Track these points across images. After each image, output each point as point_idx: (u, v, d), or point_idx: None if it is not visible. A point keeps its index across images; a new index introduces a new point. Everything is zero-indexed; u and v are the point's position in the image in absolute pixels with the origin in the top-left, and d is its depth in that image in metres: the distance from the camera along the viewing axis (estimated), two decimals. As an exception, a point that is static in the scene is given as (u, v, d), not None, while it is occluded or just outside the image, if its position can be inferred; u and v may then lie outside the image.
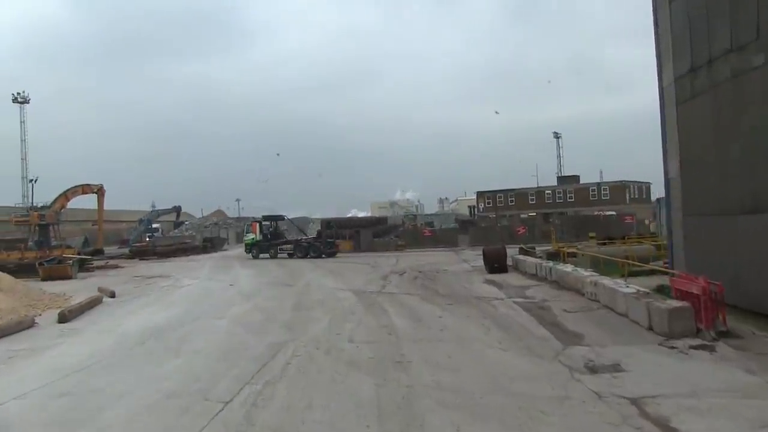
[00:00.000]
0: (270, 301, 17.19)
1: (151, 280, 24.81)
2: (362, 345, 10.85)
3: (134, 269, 33.11)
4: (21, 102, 68.00)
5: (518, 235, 48.03)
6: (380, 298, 17.32)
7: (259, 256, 40.72)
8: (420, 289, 19.74)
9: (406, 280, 22.87)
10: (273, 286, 21.29)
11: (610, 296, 13.84)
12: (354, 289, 19.60)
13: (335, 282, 22.35)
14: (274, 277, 24.96)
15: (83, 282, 25.19)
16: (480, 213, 75.14)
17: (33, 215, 45.64)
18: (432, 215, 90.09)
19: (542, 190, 72.39)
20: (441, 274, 24.44)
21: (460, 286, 20.13)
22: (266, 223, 44.55)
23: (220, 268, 31.13)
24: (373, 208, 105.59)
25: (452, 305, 15.71)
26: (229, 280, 24.14)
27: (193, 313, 15.05)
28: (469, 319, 13.55)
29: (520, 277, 21.97)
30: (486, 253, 24.98)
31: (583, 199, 68.20)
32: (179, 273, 28.45)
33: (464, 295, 17.64)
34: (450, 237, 50.11)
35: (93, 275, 29.51)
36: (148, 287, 22.02)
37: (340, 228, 48.66)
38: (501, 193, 74.07)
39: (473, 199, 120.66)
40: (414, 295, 17.95)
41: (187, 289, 20.94)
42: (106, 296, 18.53)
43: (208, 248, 53.89)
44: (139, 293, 19.99)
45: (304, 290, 19.81)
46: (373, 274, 25.21)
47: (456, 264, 29.85)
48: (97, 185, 51.13)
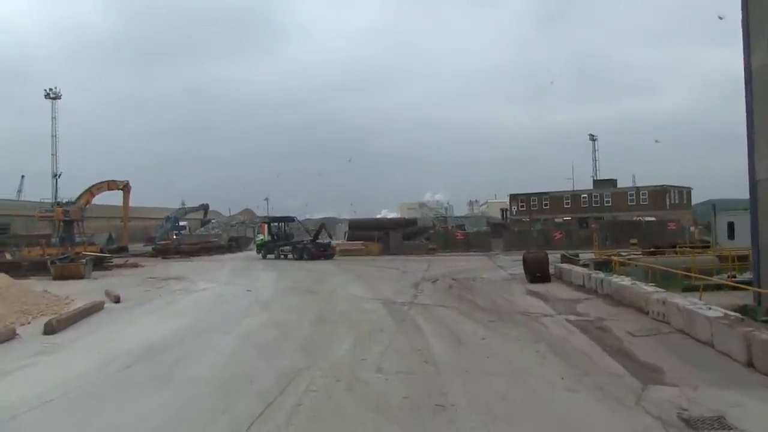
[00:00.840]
0: (288, 312, 15.21)
1: (165, 283, 23.12)
2: (393, 377, 8.78)
3: (153, 269, 31.59)
4: (53, 98, 67.64)
5: (555, 241, 45.48)
6: (413, 312, 15.25)
7: (267, 257, 41.15)
8: (456, 300, 17.61)
9: (440, 289, 20.77)
10: (294, 293, 19.40)
11: (686, 319, 11.51)
12: (383, 299, 17.58)
13: (362, 289, 20.36)
14: (296, 282, 23.08)
15: (95, 283, 23.63)
16: (513, 216, 72.51)
17: (57, 211, 44.67)
18: (462, 218, 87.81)
19: (578, 194, 69.47)
20: (477, 283, 22.26)
21: (501, 298, 17.93)
22: (274, 224, 44.84)
23: (240, 270, 29.42)
24: (402, 210, 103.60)
25: (495, 322, 13.55)
26: (248, 284, 22.31)
27: (199, 325, 13.15)
28: (519, 342, 11.38)
29: (565, 289, 19.70)
30: (527, 260, 22.70)
31: (620, 203, 65.18)
32: (197, 275, 26.78)
33: (507, 310, 15.45)
34: (483, 241, 47.71)
35: (108, 275, 28.04)
36: (159, 291, 20.32)
37: (368, 229, 46.69)
38: (535, 196, 71.37)
39: (504, 201, 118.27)
40: (450, 309, 15.83)
41: (200, 295, 19.16)
42: (111, 301, 16.85)
43: (233, 248, 52.46)
44: (147, 298, 18.25)
45: (327, 299, 17.83)
46: (404, 281, 23.15)
47: (492, 271, 27.61)
48: (123, 182, 50.06)
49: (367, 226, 48.70)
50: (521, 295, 18.57)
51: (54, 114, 67.26)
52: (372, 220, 60.07)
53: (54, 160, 67.73)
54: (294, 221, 47.58)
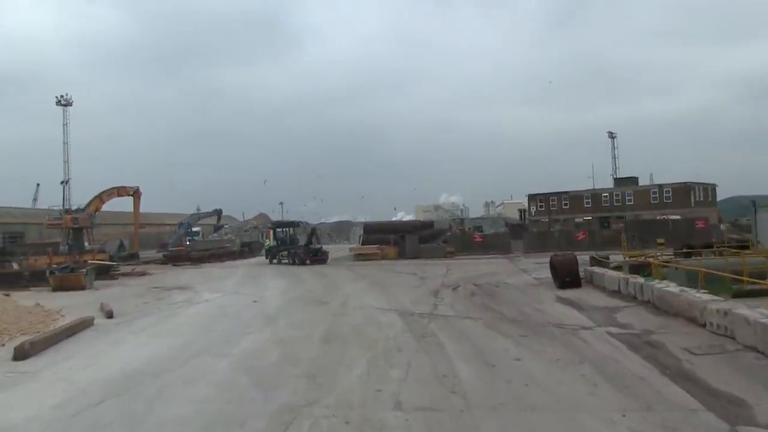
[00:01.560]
0: (295, 327, 13.55)
1: (168, 294, 21.63)
2: (414, 416, 7.12)
3: (159, 278, 30.22)
4: (64, 105, 66.86)
5: (577, 241, 43.59)
6: (433, 325, 13.58)
7: (272, 262, 41.43)
8: (481, 310, 15.92)
9: (462, 296, 19.09)
10: (303, 304, 17.81)
11: (759, 334, 9.68)
12: (400, 310, 15.93)
13: (378, 299, 18.73)
14: (307, 291, 21.51)
15: (95, 294, 22.24)
16: (531, 217, 70.47)
17: (66, 218, 43.52)
18: (478, 219, 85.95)
19: (599, 193, 67.30)
20: (502, 289, 20.55)
21: (530, 306, 16.21)
22: (279, 229, 45.25)
23: (249, 278, 27.90)
24: (418, 212, 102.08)
25: (528, 338, 11.85)
26: (255, 293, 20.76)
27: (193, 345, 11.56)
28: (559, 363, 9.67)
29: (599, 295, 17.93)
30: (555, 264, 20.92)
31: (643, 202, 62.94)
32: (204, 283, 25.33)
33: (539, 322, 13.73)
34: (502, 243, 45.89)
35: (112, 284, 26.68)
36: (159, 303, 18.84)
37: (384, 233, 45.07)
38: (554, 195, 69.26)
39: (520, 202, 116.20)
40: (476, 321, 14.15)
41: (201, 307, 17.65)
42: (103, 316, 15.37)
43: (245, 253, 51.12)
44: (144, 312, 16.73)
45: (339, 311, 16.20)
46: (422, 288, 21.49)
47: (515, 275, 25.85)
48: (133, 187, 48.89)
49: (383, 230, 47.06)
50: (551, 303, 16.85)
51: (65, 120, 66.56)
52: (387, 223, 58.37)
53: (66, 167, 66.92)
54: (299, 226, 47.56)
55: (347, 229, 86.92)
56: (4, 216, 71.85)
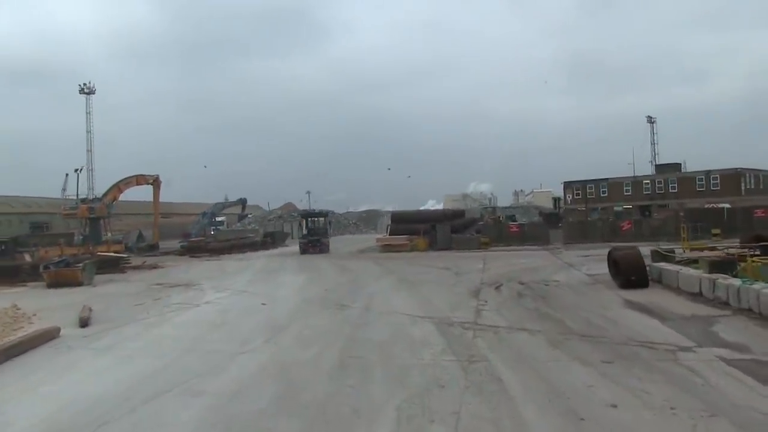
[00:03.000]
0: (303, 344, 10.51)
1: (169, 292, 18.86)
2: None
3: (169, 272, 27.60)
4: (87, 93, 64.96)
5: (622, 231, 39.90)
6: (481, 341, 10.46)
7: None
8: (536, 318, 12.73)
9: (508, 298, 15.91)
10: (319, 308, 14.76)
11: None
12: (436, 318, 12.84)
13: (408, 301, 15.66)
14: (325, 290, 18.48)
15: (90, 292, 19.68)
16: (567, 205, 66.58)
17: (81, 208, 41.40)
18: (509, 208, 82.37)
19: (639, 180, 63.02)
20: (553, 289, 17.32)
21: (596, 314, 12.96)
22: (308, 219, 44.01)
23: (265, 273, 25.00)
24: (447, 201, 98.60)
25: (614, 365, 8.66)
26: (267, 292, 17.88)
27: (162, 375, 8.60)
28: (680, 418, 6.50)
29: (676, 299, 14.61)
30: (617, 259, 17.54)
31: (688, 189, 58.55)
32: (213, 279, 22.58)
33: (617, 338, 10.49)
34: (539, 233, 42.25)
35: (115, 279, 24.06)
36: (153, 305, 16.00)
37: (412, 222, 41.87)
38: (591, 183, 65.17)
39: (550, 191, 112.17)
40: (534, 334, 10.98)
41: (198, 312, 14.75)
42: (78, 324, 12.61)
43: (267, 244, 48.42)
44: (129, 318, 13.83)
45: (361, 318, 13.14)
46: (460, 287, 18.37)
47: (563, 271, 22.51)
48: (153, 176, 46.59)
49: (412, 219, 43.78)
50: (620, 309, 13.59)
51: (88, 109, 64.66)
52: (416, 212, 55.00)
53: (89, 156, 65.13)
54: (327, 215, 46.09)
55: (375, 218, 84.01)
56: (31, 206, 70.82)
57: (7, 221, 66.44)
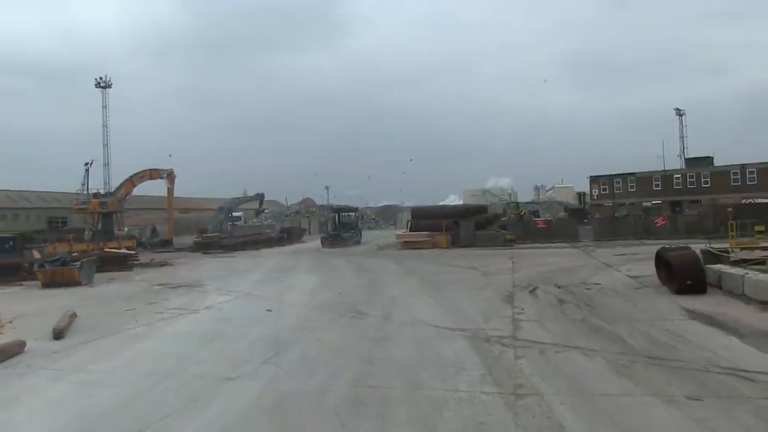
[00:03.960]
0: (308, 368, 8.52)
1: (167, 295, 17.07)
2: None
3: (176, 270, 25.94)
4: (103, 87, 63.77)
5: (656, 228, 37.58)
6: (526, 364, 8.46)
7: None
8: (586, 331, 10.69)
9: (547, 304, 13.89)
10: (331, 317, 12.76)
11: None
12: (468, 331, 10.87)
13: (434, 307, 13.70)
14: (340, 294, 16.48)
15: (85, 293, 18.06)
16: (594, 201, 63.93)
17: (93, 203, 40.04)
18: (531, 204, 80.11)
19: (669, 174, 60.03)
20: (596, 294, 15.24)
21: (657, 327, 10.86)
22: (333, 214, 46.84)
23: (277, 272, 23.14)
24: (467, 197, 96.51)
25: (705, 405, 6.63)
26: (275, 296, 16.04)
27: (130, 410, 6.69)
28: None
29: (745, 307, 12.49)
30: (670, 260, 15.33)
31: (721, 184, 55.52)
32: (219, 279, 20.82)
33: (693, 361, 8.40)
34: (567, 229, 40.02)
35: (117, 278, 22.36)
36: (146, 310, 14.19)
37: (434, 218, 39.84)
38: (618, 177, 62.30)
39: (571, 186, 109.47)
40: (589, 355, 8.95)
41: (193, 320, 12.87)
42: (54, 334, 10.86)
43: (284, 239, 46.72)
44: (113, 327, 11.95)
45: (379, 331, 11.16)
46: (490, 290, 16.38)
47: (601, 272, 20.36)
48: (167, 170, 45.13)
49: (433, 215, 41.68)
50: (683, 321, 11.50)
51: (105, 103, 63.44)
52: (437, 207, 52.86)
53: (105, 150, 64.01)
54: (357, 210, 49.50)
55: (394, 213, 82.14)
56: (49, 201, 70.08)
57: (25, 216, 65.79)
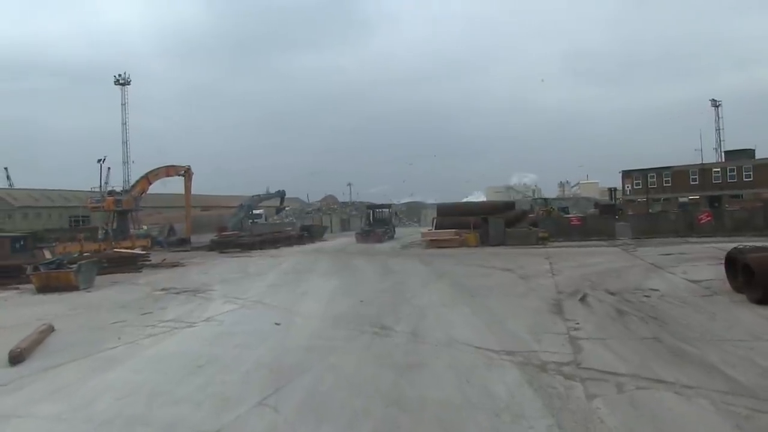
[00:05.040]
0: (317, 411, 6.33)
1: (169, 302, 15.05)
2: None
3: (185, 272, 24.05)
4: (122, 84, 62.58)
5: (700, 224, 34.87)
6: (606, 411, 6.23)
7: None
8: (665, 356, 8.39)
9: (604, 316, 11.59)
10: (350, 333, 10.57)
11: None
12: (518, 354, 8.68)
13: (471, 320, 11.50)
14: (361, 302, 14.23)
15: (79, 299, 16.23)
16: (626, 196, 61.00)
17: (107, 201, 38.57)
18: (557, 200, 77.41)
19: (708, 168, 56.92)
20: (659, 303, 12.89)
21: (757, 351, 8.59)
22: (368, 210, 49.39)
23: (293, 275, 21.02)
24: (489, 193, 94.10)
25: None
26: (286, 304, 13.95)
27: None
28: None
29: None
30: (752, 263, 12.92)
31: (763, 177, 52.32)
32: (228, 283, 18.85)
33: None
34: (602, 226, 37.41)
35: (120, 282, 20.45)
36: (137, 322, 12.12)
37: (461, 215, 37.56)
38: (653, 171, 59.28)
39: (596, 182, 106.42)
40: (686, 396, 6.69)
41: (188, 336, 10.76)
42: (11, 359, 8.96)
43: (304, 238, 44.81)
44: (89, 347, 9.82)
45: (407, 355, 8.88)
46: (533, 298, 14.11)
47: (654, 275, 17.91)
48: (184, 167, 43.53)
49: (460, 212, 39.36)
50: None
51: (124, 100, 62.28)
52: (464, 204, 50.59)
53: (124, 148, 62.85)
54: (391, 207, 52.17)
55: (418, 210, 79.90)
56: (71, 200, 69.32)
57: (47, 215, 65.08)
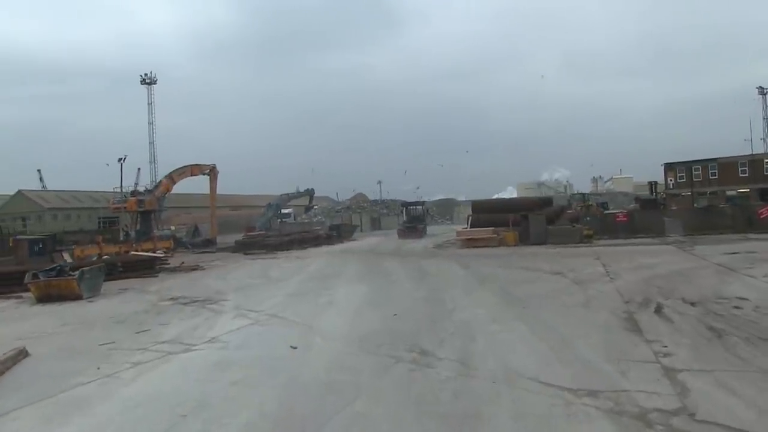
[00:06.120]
0: None
1: (173, 315, 12.99)
2: None
3: (206, 275, 22.31)
4: (148, 83, 61.55)
5: (761, 220, 31.91)
6: None
7: None
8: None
9: (695, 335, 9.20)
10: (382, 360, 8.37)
11: None
12: (600, 394, 6.43)
13: (530, 342, 9.22)
14: (394, 316, 11.98)
15: (77, 311, 14.47)
16: (669, 190, 57.59)
17: (130, 201, 37.18)
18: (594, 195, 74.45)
19: (759, 159, 53.18)
20: (757, 316, 10.50)
21: None
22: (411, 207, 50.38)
23: (318, 280, 18.84)
24: (520, 189, 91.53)
25: None
26: (307, 318, 11.81)
27: None
28: None
29: None
30: None
31: (821, 168, 48.62)
32: (246, 290, 16.93)
33: None
34: (650, 223, 34.61)
35: (130, 288, 18.64)
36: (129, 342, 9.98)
37: (498, 212, 35.19)
38: (698, 164, 55.70)
39: (630, 177, 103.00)
40: None
41: (178, 367, 8.62)
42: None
43: (332, 238, 42.88)
44: (55, 381, 7.71)
45: (458, 397, 6.65)
46: (597, 310, 11.76)
47: (728, 278, 15.43)
48: (209, 165, 42.00)
49: (497, 208, 37.00)
50: None
51: (150, 100, 61.22)
52: (501, 200, 48.17)
53: (151, 149, 61.84)
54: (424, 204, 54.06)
55: (450, 208, 77.46)
56: (101, 201, 68.80)
57: (76, 216, 64.58)
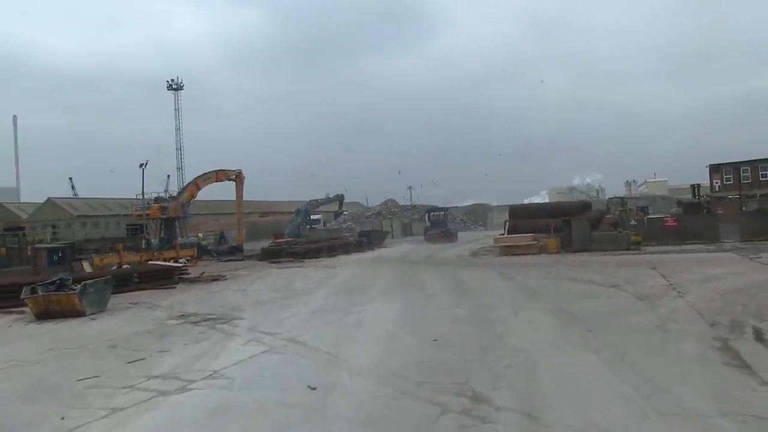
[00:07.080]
0: None
1: (178, 338, 11.04)
2: None
3: (226, 287, 20.56)
4: (175, 89, 60.77)
5: (827, 224, 29.07)
6: None
7: None
8: None
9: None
10: (422, 408, 6.36)
11: None
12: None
13: (609, 382, 7.18)
14: (436, 339, 10.01)
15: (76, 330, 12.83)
16: (715, 193, 54.30)
17: (153, 208, 35.94)
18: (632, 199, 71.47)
19: (814, 159, 49.77)
20: None
21: None
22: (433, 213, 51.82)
23: (345, 294, 16.83)
24: (552, 194, 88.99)
25: None
26: (332, 345, 9.83)
27: None
28: None
29: None
30: None
31: None
32: (265, 306, 15.11)
33: None
34: (702, 228, 32.01)
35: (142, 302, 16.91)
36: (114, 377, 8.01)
37: (538, 217, 32.94)
38: (746, 165, 52.28)
39: (665, 180, 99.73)
40: None
41: (162, 418, 6.76)
42: None
43: (363, 244, 41.01)
44: None
45: None
46: (679, 335, 9.58)
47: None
48: (235, 171, 40.58)
49: (535, 213, 34.73)
50: None
51: (177, 105, 60.36)
52: (540, 205, 45.85)
53: (178, 155, 60.99)
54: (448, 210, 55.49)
55: (483, 213, 74.98)
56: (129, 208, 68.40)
57: (105, 223, 64.11)
